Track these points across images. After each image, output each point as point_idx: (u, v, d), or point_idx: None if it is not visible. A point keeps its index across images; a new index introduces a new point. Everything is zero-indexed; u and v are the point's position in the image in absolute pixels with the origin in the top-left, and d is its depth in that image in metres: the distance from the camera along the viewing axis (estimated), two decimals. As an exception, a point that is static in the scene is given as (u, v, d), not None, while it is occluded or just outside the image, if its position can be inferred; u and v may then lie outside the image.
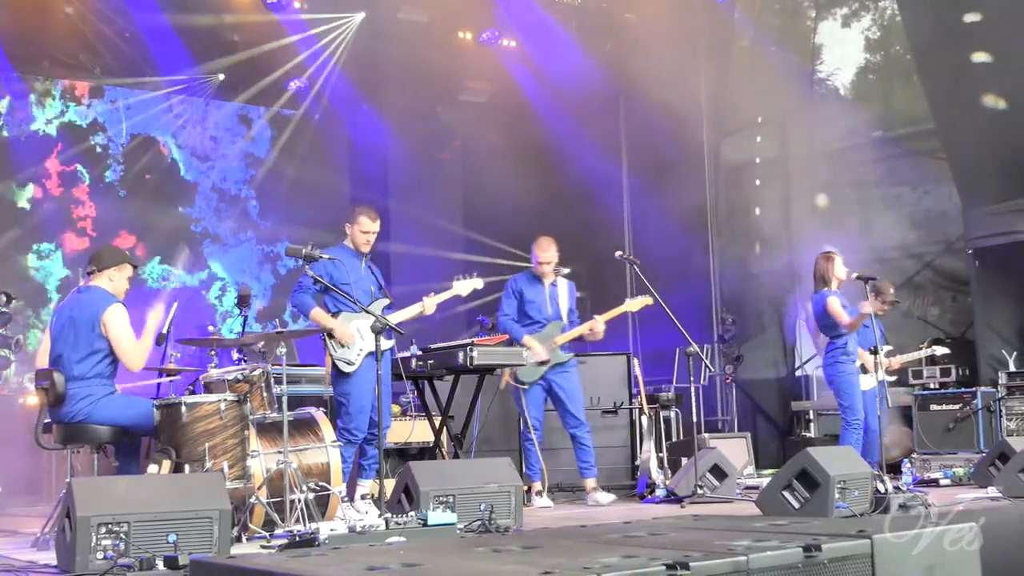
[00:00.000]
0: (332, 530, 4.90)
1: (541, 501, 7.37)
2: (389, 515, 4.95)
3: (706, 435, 9.09)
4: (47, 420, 5.84)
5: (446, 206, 14.24)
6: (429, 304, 6.85)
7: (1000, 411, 9.43)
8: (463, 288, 7.10)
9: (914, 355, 9.22)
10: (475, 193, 14.18)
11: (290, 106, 13.39)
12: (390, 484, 5.76)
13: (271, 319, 12.81)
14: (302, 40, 12.01)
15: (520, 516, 5.49)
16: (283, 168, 13.63)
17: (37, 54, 11.47)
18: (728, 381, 12.03)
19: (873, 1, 12.10)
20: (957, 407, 9.55)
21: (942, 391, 9.81)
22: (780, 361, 12.49)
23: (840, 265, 8.29)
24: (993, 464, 7.27)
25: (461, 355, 6.96)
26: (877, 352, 7.59)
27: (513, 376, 7.54)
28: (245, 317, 7.26)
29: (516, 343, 7.46)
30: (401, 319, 6.60)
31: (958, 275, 11.04)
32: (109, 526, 4.16)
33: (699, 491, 7.17)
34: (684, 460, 8.10)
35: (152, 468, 5.23)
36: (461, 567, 2.92)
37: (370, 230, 6.71)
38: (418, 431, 8.29)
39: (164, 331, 6.83)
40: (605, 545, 3.25)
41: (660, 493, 7.60)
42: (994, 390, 9.60)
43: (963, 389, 9.72)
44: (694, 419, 8.57)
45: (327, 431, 6.01)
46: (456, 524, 4.93)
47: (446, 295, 7.01)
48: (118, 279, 5.86)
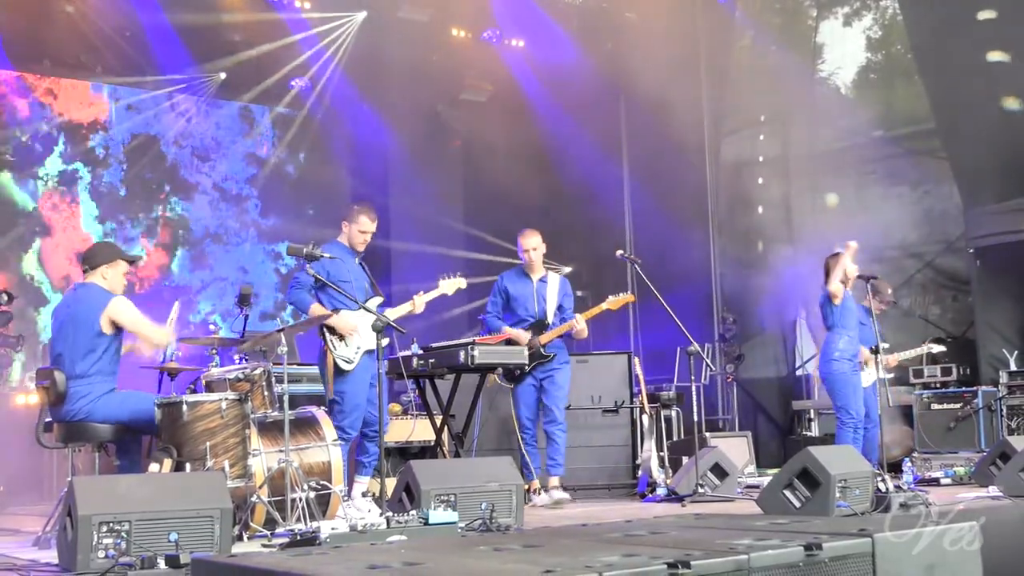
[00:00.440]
0: (333, 529, 4.91)
1: (539, 499, 7.36)
2: (390, 514, 4.96)
3: (707, 434, 9.08)
4: (48, 419, 5.83)
5: (447, 205, 14.23)
6: (419, 302, 6.90)
7: (1001, 410, 9.43)
8: (448, 287, 7.16)
9: (911, 353, 9.22)
10: (476, 192, 14.18)
11: (291, 105, 13.39)
12: (391, 483, 5.76)
13: (273, 318, 12.80)
14: (303, 39, 12.02)
15: (521, 515, 5.49)
16: (284, 167, 13.64)
17: (38, 53, 11.47)
18: (729, 380, 12.03)
19: (874, 0, 12.10)
20: (958, 406, 9.56)
21: (943, 390, 9.82)
22: (781, 360, 12.49)
23: (849, 262, 8.27)
24: (994, 463, 7.27)
25: (462, 354, 6.95)
26: (878, 351, 7.59)
27: (498, 375, 7.53)
28: (246, 316, 7.25)
29: (496, 334, 7.49)
30: (393, 317, 6.58)
31: (959, 274, 11.05)
32: (110, 525, 4.16)
33: (700, 490, 7.17)
34: (685, 459, 8.10)
35: (153, 467, 5.23)
36: (462, 566, 2.92)
37: (368, 230, 6.73)
38: (419, 430, 8.29)
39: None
40: (606, 544, 3.25)
41: (661, 492, 7.61)
42: (995, 389, 9.60)
43: (964, 388, 9.73)
44: (695, 418, 8.56)
45: (328, 430, 6.01)
46: (457, 523, 4.94)
47: (435, 293, 7.08)
48: (112, 276, 5.81)
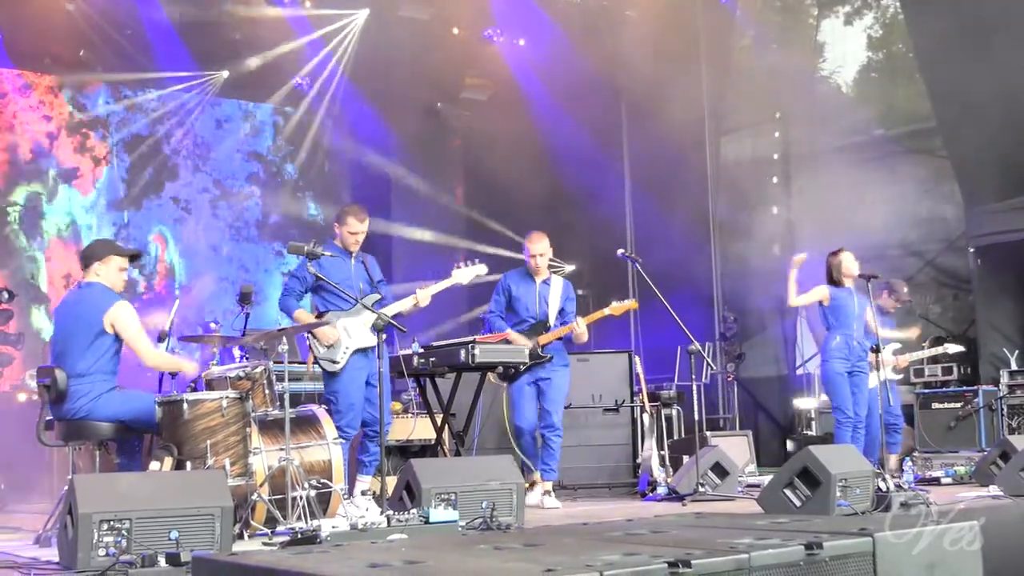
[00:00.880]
0: (334, 527, 4.91)
1: (532, 498, 7.26)
2: (391, 512, 4.96)
3: (708, 433, 9.08)
4: (49, 417, 5.84)
5: (447, 203, 14.24)
6: (423, 296, 6.69)
7: (1002, 409, 9.43)
8: (463, 276, 6.90)
9: (921, 354, 9.20)
10: (477, 191, 14.18)
11: (293, 103, 13.40)
12: (392, 481, 5.76)
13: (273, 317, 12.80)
14: (305, 37, 12.01)
15: (522, 513, 5.49)
16: (285, 165, 13.64)
17: (39, 51, 11.48)
18: (730, 379, 12.03)
19: (875, -1, 12.11)
20: (959, 405, 9.56)
21: (944, 389, 9.82)
22: (782, 359, 12.49)
23: (847, 261, 8.26)
24: (995, 463, 7.26)
25: (463, 353, 6.92)
26: (879, 351, 7.59)
27: (496, 374, 7.51)
28: (247, 315, 7.25)
29: (498, 334, 7.39)
30: (395, 312, 6.55)
31: (959, 273, 11.04)
32: (111, 523, 4.17)
33: (701, 489, 7.18)
34: (686, 458, 8.11)
35: (154, 465, 5.24)
36: (463, 564, 2.92)
37: (358, 230, 6.65)
38: (420, 429, 8.30)
39: (166, 328, 6.84)
40: (607, 543, 3.25)
41: (662, 491, 7.61)
42: (996, 388, 9.60)
43: (965, 387, 9.72)
44: (695, 417, 8.56)
45: (329, 428, 6.01)
46: (458, 521, 4.94)
47: (445, 284, 6.86)
48: (105, 273, 5.78)
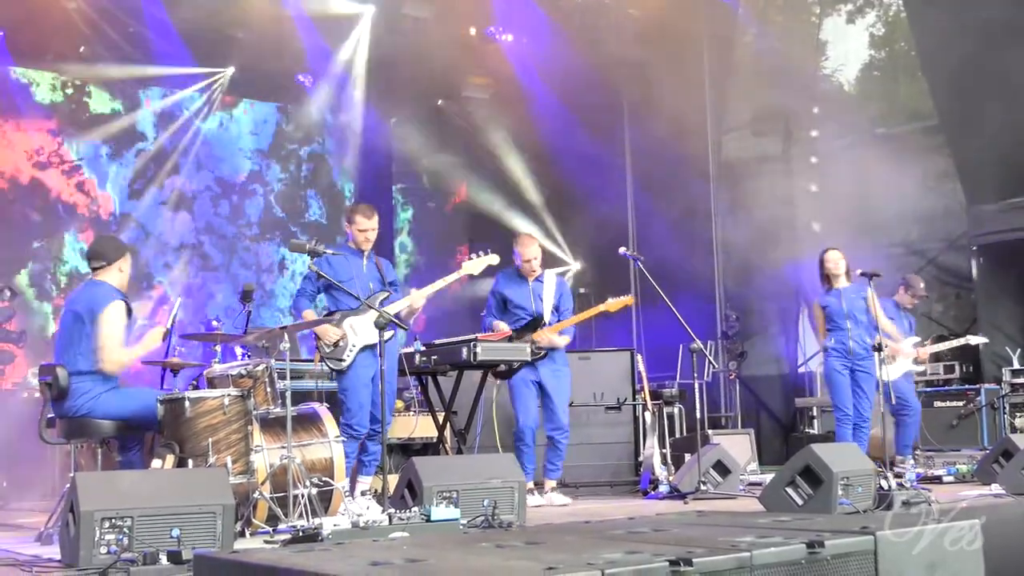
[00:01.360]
0: (335, 525, 4.90)
1: (532, 499, 7.25)
2: (392, 510, 4.96)
3: (709, 431, 9.08)
4: (51, 415, 5.84)
5: (448, 202, 14.24)
6: (417, 296, 6.72)
7: (1004, 408, 9.43)
8: (474, 267, 6.94)
9: (944, 345, 9.15)
10: (477, 189, 14.18)
11: (295, 101, 13.40)
12: (393, 479, 5.75)
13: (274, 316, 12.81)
14: (308, 36, 12.00)
15: (523, 512, 5.49)
16: (287, 164, 13.64)
17: (40, 48, 11.47)
18: (732, 377, 12.02)
19: (878, -3, 12.10)
20: (961, 404, 9.55)
21: (946, 388, 9.82)
22: (784, 358, 12.49)
23: (828, 262, 8.23)
24: (996, 461, 7.25)
25: (465, 351, 6.91)
26: (880, 349, 7.57)
27: (494, 372, 7.47)
28: (249, 312, 7.26)
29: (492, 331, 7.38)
30: (396, 311, 6.54)
31: (961, 272, 11.03)
32: (113, 521, 4.17)
33: (702, 487, 7.18)
34: (687, 456, 8.10)
35: (156, 463, 5.24)
36: (464, 563, 2.92)
37: (367, 227, 6.65)
38: (421, 427, 8.29)
39: (168, 326, 6.84)
40: (609, 541, 3.25)
41: (663, 489, 7.60)
42: (998, 387, 9.59)
43: (967, 386, 9.72)
44: (697, 415, 8.55)
45: (330, 426, 6.01)
46: (459, 519, 4.94)
47: (453, 276, 6.88)
48: (126, 268, 5.90)
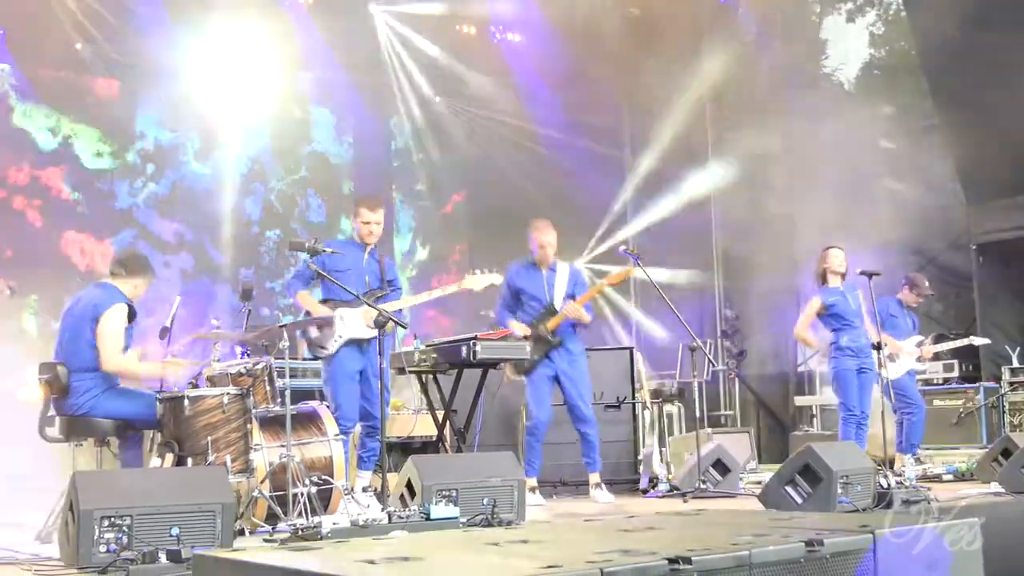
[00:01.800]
0: (335, 524, 4.91)
1: (532, 498, 7.10)
2: (392, 509, 4.96)
3: (709, 430, 9.09)
4: (50, 413, 5.84)
5: (449, 200, 14.23)
6: (410, 301, 6.84)
7: (1003, 406, 9.43)
8: (476, 283, 6.87)
9: (948, 345, 9.14)
10: (478, 187, 14.17)
11: (295, 99, 13.37)
12: (393, 478, 5.76)
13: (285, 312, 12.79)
14: (308, 34, 11.99)
15: (523, 510, 5.49)
16: (287, 163, 13.62)
17: (39, 48, 11.45)
18: (731, 376, 12.04)
19: (878, -3, 12.10)
20: (960, 402, 9.55)
21: (945, 386, 9.81)
22: (783, 356, 12.49)
23: (834, 259, 8.22)
24: (996, 460, 7.26)
25: (464, 349, 6.91)
26: (880, 348, 7.57)
27: (510, 368, 7.46)
28: (248, 311, 7.25)
29: (502, 327, 7.34)
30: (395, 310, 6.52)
31: (961, 271, 11.03)
32: (112, 519, 4.17)
33: (702, 486, 7.18)
34: (687, 455, 8.10)
35: (155, 461, 5.24)
36: (463, 561, 2.92)
37: (370, 220, 6.63)
38: (421, 425, 8.30)
39: (167, 324, 6.83)
40: (608, 539, 3.25)
41: (663, 488, 7.61)
42: (997, 385, 9.60)
43: (966, 384, 9.72)
44: (697, 414, 8.56)
45: (330, 425, 6.01)
46: (459, 518, 4.94)
47: (452, 288, 6.88)
48: (142, 289, 5.95)
